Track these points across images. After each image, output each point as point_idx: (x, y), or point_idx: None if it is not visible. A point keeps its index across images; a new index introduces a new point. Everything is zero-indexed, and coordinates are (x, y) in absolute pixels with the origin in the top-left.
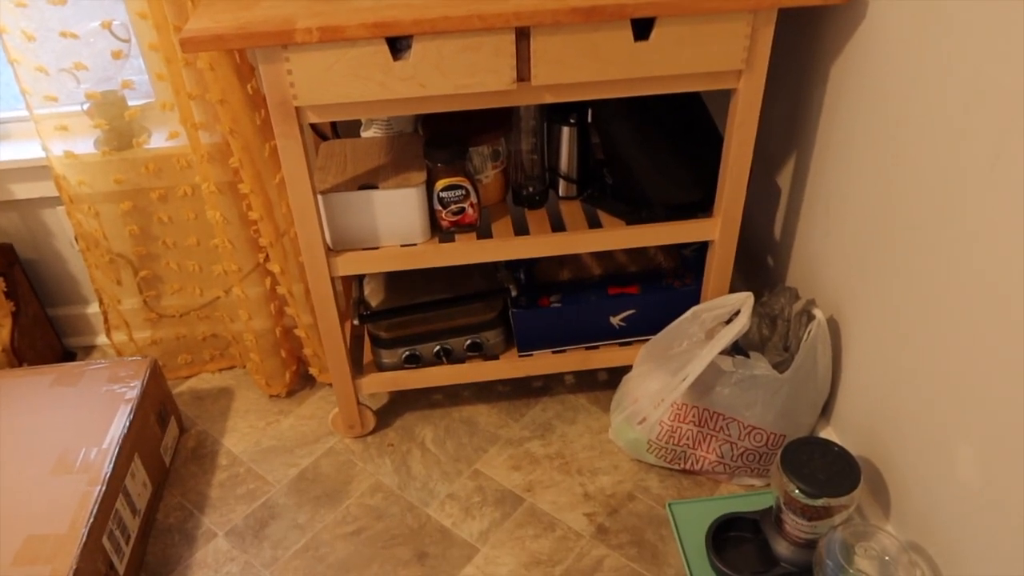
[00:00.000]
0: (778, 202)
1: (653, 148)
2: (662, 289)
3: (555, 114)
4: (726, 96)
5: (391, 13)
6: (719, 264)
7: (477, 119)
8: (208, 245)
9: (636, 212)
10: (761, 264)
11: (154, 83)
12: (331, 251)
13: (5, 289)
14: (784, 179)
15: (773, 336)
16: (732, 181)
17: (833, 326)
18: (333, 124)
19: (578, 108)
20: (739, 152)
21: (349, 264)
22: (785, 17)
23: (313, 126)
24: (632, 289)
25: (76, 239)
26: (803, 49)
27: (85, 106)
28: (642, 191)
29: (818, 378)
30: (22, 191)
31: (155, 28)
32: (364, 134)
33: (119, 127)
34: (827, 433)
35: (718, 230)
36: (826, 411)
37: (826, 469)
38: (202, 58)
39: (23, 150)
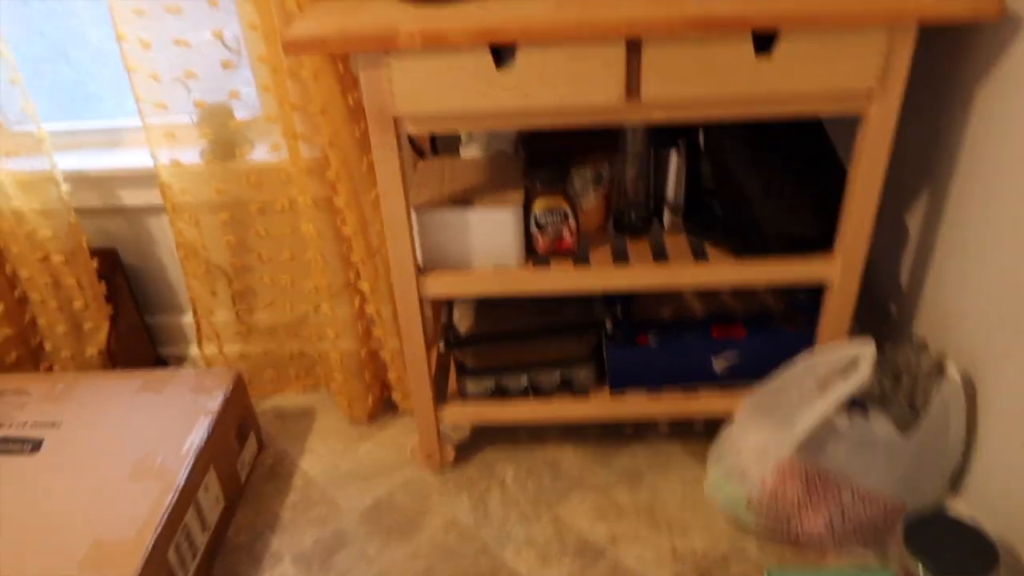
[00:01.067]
0: (906, 240)
1: (769, 173)
2: (771, 333)
3: (663, 138)
4: (851, 124)
5: (497, 20)
6: (837, 308)
7: (581, 140)
8: (301, 260)
9: (746, 245)
10: (883, 311)
11: (261, 95)
12: (421, 270)
13: (106, 293)
14: (914, 215)
15: (897, 392)
16: (857, 215)
17: (969, 385)
18: (432, 142)
19: (687, 133)
20: (866, 183)
21: (439, 284)
22: (925, 33)
23: (412, 143)
24: (738, 331)
25: (177, 247)
26: (944, 69)
27: (194, 117)
28: (754, 220)
29: (949, 444)
30: (130, 198)
31: (264, 39)
32: (463, 153)
33: (223, 137)
34: (957, 506)
35: (838, 270)
36: (957, 481)
37: (956, 547)
38: (306, 68)
39: (134, 158)
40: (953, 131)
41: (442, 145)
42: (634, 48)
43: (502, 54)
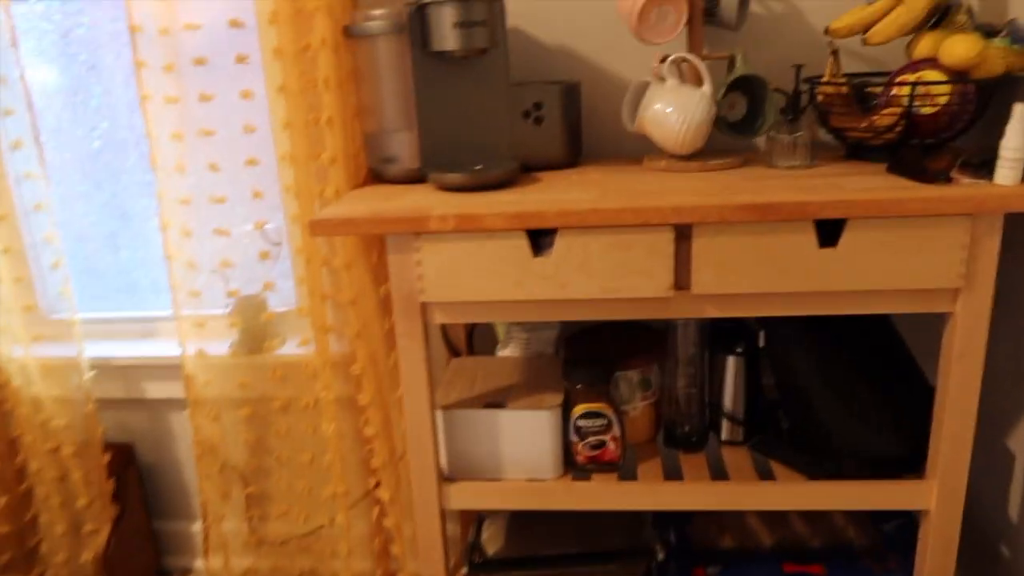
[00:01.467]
0: (1011, 468)
1: (842, 383)
2: (857, 572)
3: (719, 341)
4: (928, 320)
5: (534, 204)
6: (939, 544)
7: (626, 341)
8: (320, 463)
9: (819, 464)
10: (991, 553)
11: (296, 287)
12: (445, 478)
13: (115, 491)
14: (1018, 436)
15: None
16: (953, 432)
17: None
18: (468, 340)
19: (746, 336)
20: (961, 393)
21: (464, 495)
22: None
23: (446, 340)
24: (816, 569)
25: (194, 444)
26: None
27: (227, 308)
28: (828, 437)
29: None
30: (153, 390)
31: (304, 232)
32: (500, 353)
33: (253, 328)
34: None
35: (934, 497)
36: None
37: None
38: (339, 256)
39: (162, 348)
40: None
41: (478, 345)
42: (684, 236)
43: (540, 240)
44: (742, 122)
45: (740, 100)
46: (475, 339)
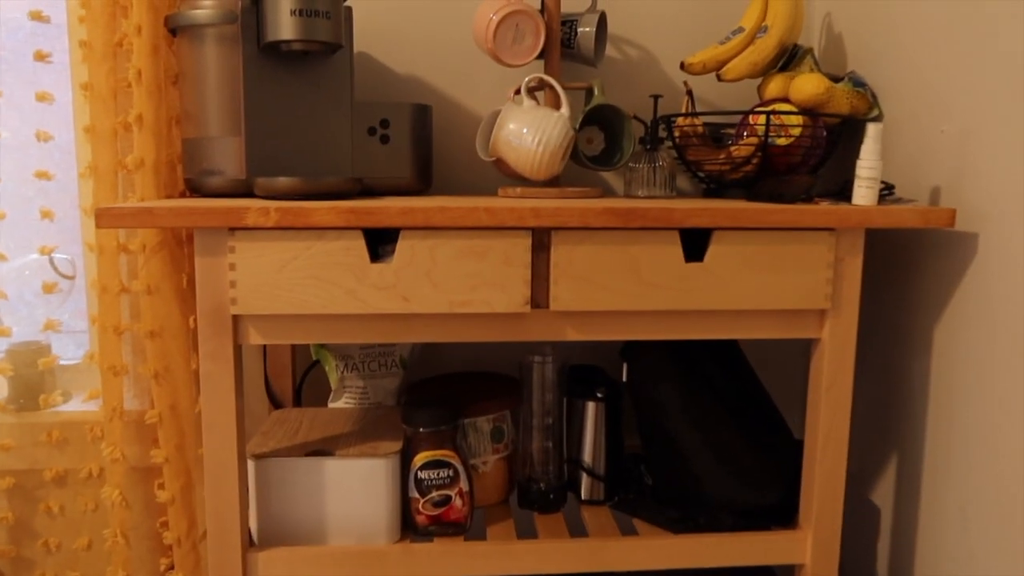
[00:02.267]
0: (877, 516)
1: (711, 424)
2: None
3: (577, 385)
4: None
5: (374, 203)
6: None
7: (478, 389)
8: (101, 549)
9: (688, 520)
10: None
11: (90, 328)
12: (253, 544)
13: None
14: (883, 482)
15: None
16: (824, 472)
17: None
18: (296, 393)
19: (607, 382)
20: (831, 427)
21: (275, 565)
22: (875, 246)
23: (269, 392)
24: None
25: None
26: (899, 289)
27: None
28: (697, 489)
29: None
30: None
31: (99, 257)
32: (332, 404)
33: (28, 377)
34: None
35: (809, 547)
36: None
37: None
38: (141, 278)
39: None
40: (916, 368)
41: (308, 398)
42: (542, 245)
43: (379, 249)
44: (600, 156)
45: (598, 135)
46: (304, 392)
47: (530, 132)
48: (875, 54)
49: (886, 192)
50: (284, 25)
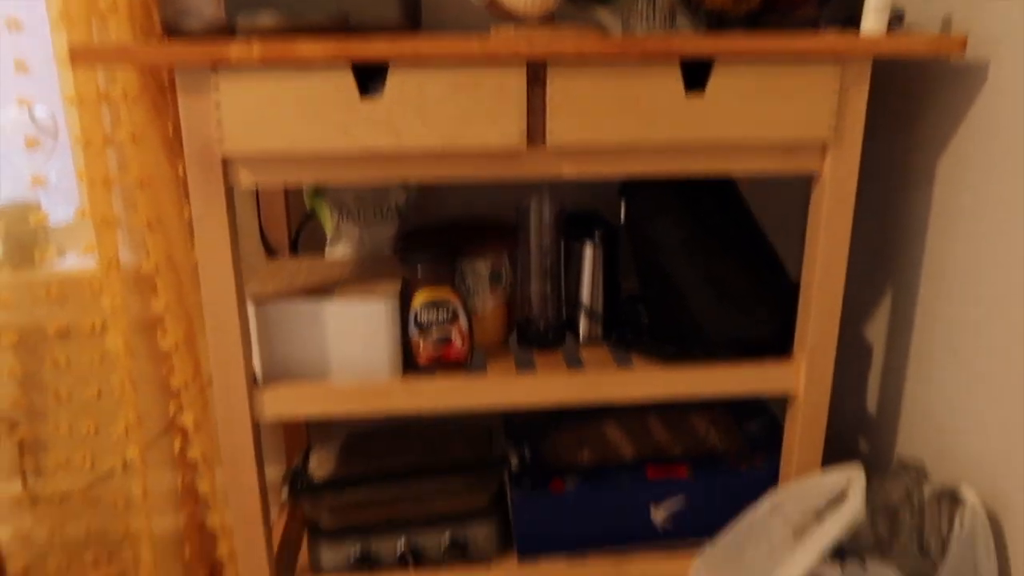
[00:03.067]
0: (870, 353)
1: (709, 260)
2: (722, 473)
3: (574, 230)
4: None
5: (364, 37)
6: (807, 429)
7: (474, 234)
8: (111, 399)
9: (684, 354)
10: (850, 448)
11: (78, 185)
12: (257, 383)
13: None
14: (876, 320)
15: (898, 536)
16: (821, 306)
17: (992, 515)
18: (292, 243)
19: (604, 224)
20: (829, 262)
21: (281, 401)
22: (879, 81)
23: (264, 241)
24: (680, 471)
25: None
26: (902, 124)
27: None
28: (692, 322)
29: None
30: None
31: (80, 111)
32: (329, 254)
33: (20, 235)
34: None
35: (802, 377)
36: None
37: None
38: (124, 126)
39: None
40: (916, 205)
41: (305, 247)
42: (537, 79)
43: (370, 84)
44: None
45: None
46: (300, 244)
47: None
48: None
49: (896, 22)
50: None
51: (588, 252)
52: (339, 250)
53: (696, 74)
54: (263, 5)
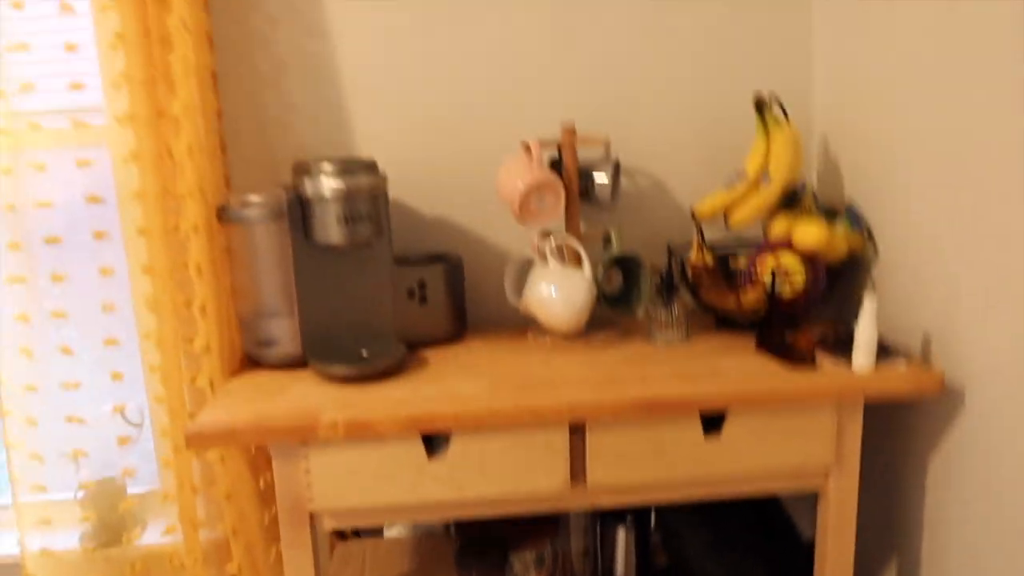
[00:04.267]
0: None
1: (730, 561)
2: None
3: (609, 513)
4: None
5: (428, 407)
6: None
7: (520, 523)
8: None
9: None
10: None
11: (160, 471)
12: None
13: None
14: None
15: None
16: None
17: None
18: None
19: (636, 510)
20: (837, 567)
21: None
22: (875, 413)
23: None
24: None
25: None
26: (895, 441)
27: (79, 495)
28: None
29: None
30: None
31: (169, 413)
32: (388, 533)
33: (110, 521)
34: None
35: None
36: None
37: None
38: (220, 486)
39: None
40: (912, 504)
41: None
42: (578, 432)
43: (434, 441)
44: (620, 295)
45: (617, 274)
46: None
47: (558, 296)
48: (872, 186)
49: (883, 354)
50: (332, 231)
51: (621, 535)
52: (396, 531)
53: (713, 419)
54: (333, 340)
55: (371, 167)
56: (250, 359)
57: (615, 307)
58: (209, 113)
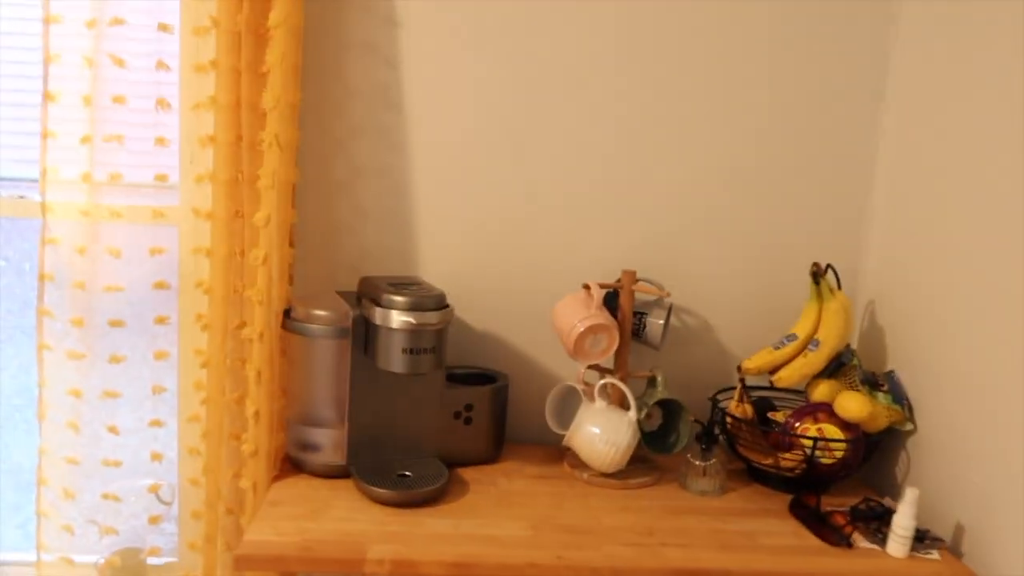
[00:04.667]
0: None
1: None
2: None
3: None
4: None
5: (472, 551)
6: None
7: None
8: None
9: None
10: None
11: (183, 553)
12: None
13: None
14: None
15: None
16: None
17: None
18: None
19: None
20: None
21: None
22: None
23: None
24: None
25: None
26: None
27: (99, 561)
28: None
29: None
30: None
31: (204, 494)
32: None
33: None
34: None
35: None
36: None
37: None
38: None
39: None
40: None
41: None
42: None
43: None
44: (657, 433)
45: (657, 411)
46: None
47: (603, 436)
48: (915, 358)
49: (916, 539)
50: (396, 361)
51: None
52: None
53: None
54: (377, 454)
55: (440, 301)
56: (290, 460)
57: (651, 446)
58: (285, 222)
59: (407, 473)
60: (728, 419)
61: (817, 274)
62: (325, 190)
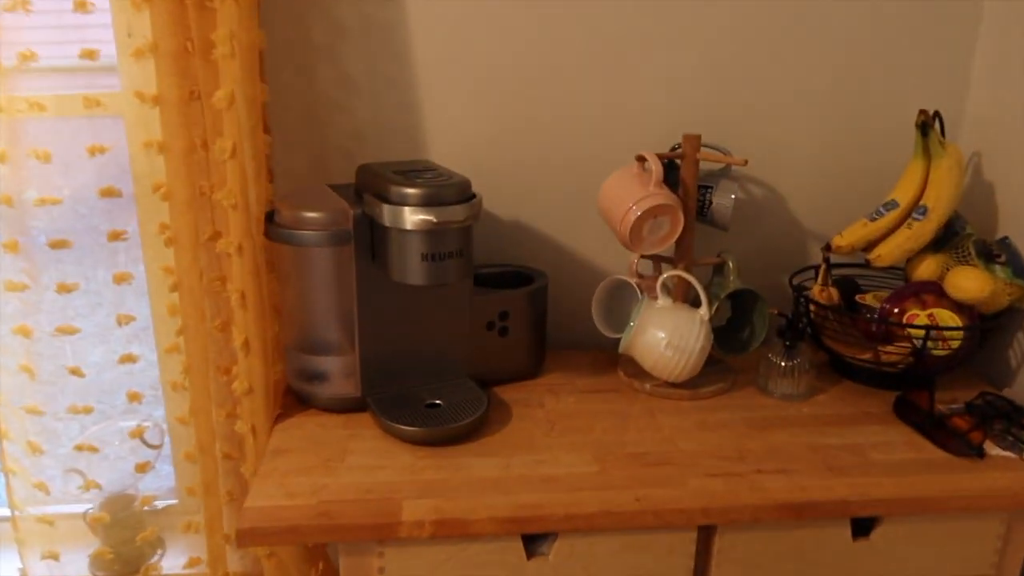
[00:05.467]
0: None
1: None
2: None
3: None
4: None
5: (531, 500)
6: None
7: None
8: None
9: None
10: None
11: (181, 497)
12: None
13: None
14: None
15: None
16: None
17: None
18: None
19: None
20: None
21: None
22: None
23: None
24: None
25: None
26: None
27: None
28: None
29: None
30: None
31: (195, 432)
32: None
33: (126, 554)
34: None
35: None
36: None
37: None
38: (248, 461)
39: None
40: None
41: None
42: (704, 529)
43: (536, 539)
44: (726, 328)
45: (725, 307)
46: None
47: (671, 341)
48: None
49: None
50: (413, 270)
51: None
52: None
53: (864, 520)
54: (397, 381)
55: (463, 191)
56: (294, 393)
57: (722, 346)
58: (255, 101)
59: (437, 402)
60: (812, 307)
61: (926, 124)
62: (301, 57)
